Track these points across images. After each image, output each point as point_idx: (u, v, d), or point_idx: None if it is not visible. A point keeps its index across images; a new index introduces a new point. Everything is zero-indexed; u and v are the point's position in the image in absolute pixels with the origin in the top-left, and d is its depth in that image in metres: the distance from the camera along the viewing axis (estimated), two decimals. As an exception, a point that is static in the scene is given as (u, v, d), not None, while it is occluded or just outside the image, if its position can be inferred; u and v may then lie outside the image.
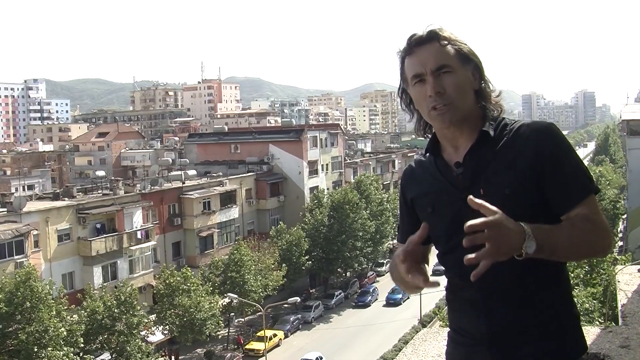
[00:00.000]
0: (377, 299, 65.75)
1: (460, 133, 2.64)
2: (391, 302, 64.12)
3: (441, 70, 2.54)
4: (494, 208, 2.23)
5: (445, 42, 2.58)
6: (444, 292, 2.84)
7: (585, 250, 2.50)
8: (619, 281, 7.75)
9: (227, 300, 50.62)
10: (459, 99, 2.55)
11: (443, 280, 2.64)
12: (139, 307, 42.90)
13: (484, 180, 2.53)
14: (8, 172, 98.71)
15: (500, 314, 2.54)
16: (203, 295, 47.53)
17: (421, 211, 2.77)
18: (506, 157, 2.53)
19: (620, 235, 73.52)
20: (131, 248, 52.31)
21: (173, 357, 50.49)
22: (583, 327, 2.72)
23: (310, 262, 62.99)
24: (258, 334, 51.93)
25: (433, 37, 2.59)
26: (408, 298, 61.83)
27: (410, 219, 2.85)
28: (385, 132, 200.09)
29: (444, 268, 2.73)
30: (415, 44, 2.61)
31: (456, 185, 2.62)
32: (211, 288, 49.98)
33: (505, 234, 2.22)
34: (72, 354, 36.96)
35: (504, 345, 2.54)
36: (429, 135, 2.79)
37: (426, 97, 2.57)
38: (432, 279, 2.47)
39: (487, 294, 2.54)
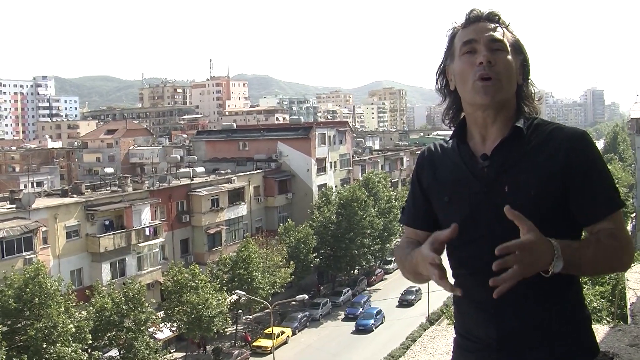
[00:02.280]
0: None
1: (493, 121, 2.58)
2: (361, 329, 56.21)
3: (495, 45, 2.51)
4: (529, 223, 2.20)
5: (506, 25, 2.60)
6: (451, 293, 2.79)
7: (608, 268, 2.51)
8: (628, 280, 7.72)
9: (234, 297, 50.69)
10: (506, 78, 2.51)
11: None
12: (147, 304, 43.05)
13: (510, 178, 2.48)
14: (17, 169, 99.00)
15: (510, 318, 2.50)
16: (211, 292, 47.58)
17: (436, 199, 2.71)
18: (536, 159, 2.47)
19: (629, 234, 73.25)
20: (139, 245, 52.38)
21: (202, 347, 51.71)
22: (592, 326, 2.69)
23: (318, 259, 63.04)
24: (266, 331, 51.99)
25: (492, 17, 2.59)
26: (382, 323, 57.60)
27: (424, 204, 2.78)
28: (394, 130, 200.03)
29: (452, 264, 2.68)
30: (474, 20, 2.59)
31: (479, 177, 2.55)
32: (219, 285, 50.06)
33: (536, 256, 2.20)
34: (80, 350, 37.11)
35: (514, 349, 2.50)
36: (455, 124, 2.73)
37: (474, 66, 2.51)
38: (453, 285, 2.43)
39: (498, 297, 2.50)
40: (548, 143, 2.49)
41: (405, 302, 63.10)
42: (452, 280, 2.44)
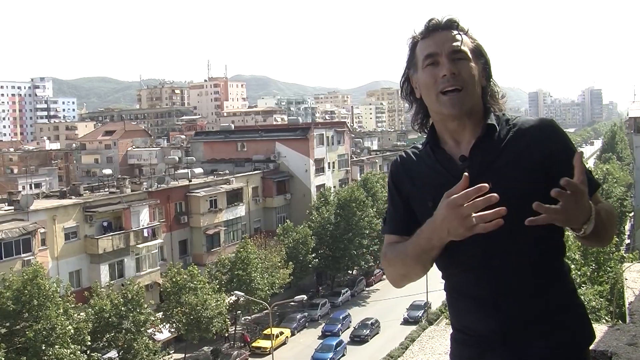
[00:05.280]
0: (348, 327, 56.99)
1: (463, 127, 2.61)
2: None
3: (457, 55, 2.54)
4: (584, 176, 2.27)
5: (465, 31, 2.61)
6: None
7: (611, 233, 2.56)
8: (626, 279, 7.74)
9: (233, 298, 50.67)
10: (471, 86, 2.54)
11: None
12: (145, 305, 43.03)
13: (492, 175, 2.48)
14: (15, 171, 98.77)
15: (510, 310, 2.52)
16: (210, 293, 47.56)
17: (419, 205, 2.68)
18: (514, 152, 2.52)
19: (627, 233, 73.31)
20: (138, 246, 52.36)
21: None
22: (590, 325, 2.72)
23: (316, 260, 63.02)
24: (265, 331, 51.93)
25: (451, 24, 2.60)
26: (343, 356, 51.11)
27: (406, 212, 2.74)
28: (392, 130, 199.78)
29: (442, 265, 2.66)
30: (433, 29, 2.61)
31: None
32: (218, 286, 50.01)
33: (580, 206, 2.26)
34: (79, 352, 37.04)
35: (517, 341, 2.51)
36: (426, 130, 2.74)
37: (437, 79, 2.54)
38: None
39: (495, 290, 2.52)
40: (523, 134, 2.54)
41: (357, 339, 53.94)
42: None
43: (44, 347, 35.29)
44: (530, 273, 2.50)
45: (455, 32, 2.59)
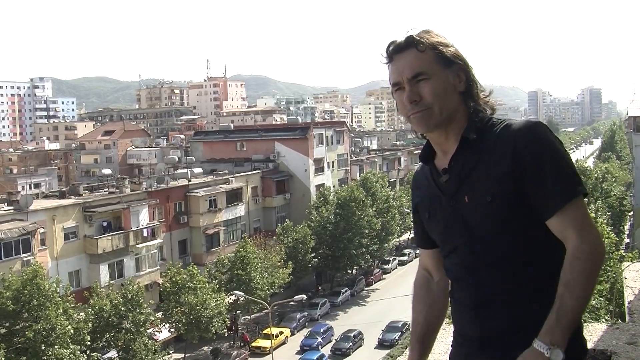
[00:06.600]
0: (330, 341, 53.37)
1: (447, 137, 2.62)
2: None
3: (418, 78, 2.52)
4: None
5: (423, 48, 2.53)
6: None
7: (591, 288, 2.37)
8: (625, 278, 7.74)
9: (233, 297, 50.65)
10: (436, 104, 2.52)
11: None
12: (145, 305, 43.01)
13: (468, 188, 2.53)
14: (15, 171, 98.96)
15: (492, 319, 2.52)
16: (209, 293, 47.57)
17: (422, 216, 2.81)
18: (488, 162, 2.49)
19: (627, 232, 73.28)
20: (137, 246, 52.36)
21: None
22: (590, 325, 2.70)
23: (316, 259, 62.98)
24: (264, 331, 51.90)
25: (411, 43, 2.55)
26: None
27: (420, 224, 2.88)
28: (391, 130, 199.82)
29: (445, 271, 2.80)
30: (394, 52, 2.59)
31: (444, 192, 2.63)
32: (217, 286, 50.03)
33: None
34: (78, 352, 37.03)
35: (498, 349, 2.51)
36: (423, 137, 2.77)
37: (405, 104, 2.57)
38: None
39: (479, 298, 2.55)
40: (498, 144, 2.49)
41: (338, 352, 50.84)
42: None
43: (43, 347, 35.30)
44: (513, 283, 2.46)
45: (415, 51, 2.54)
